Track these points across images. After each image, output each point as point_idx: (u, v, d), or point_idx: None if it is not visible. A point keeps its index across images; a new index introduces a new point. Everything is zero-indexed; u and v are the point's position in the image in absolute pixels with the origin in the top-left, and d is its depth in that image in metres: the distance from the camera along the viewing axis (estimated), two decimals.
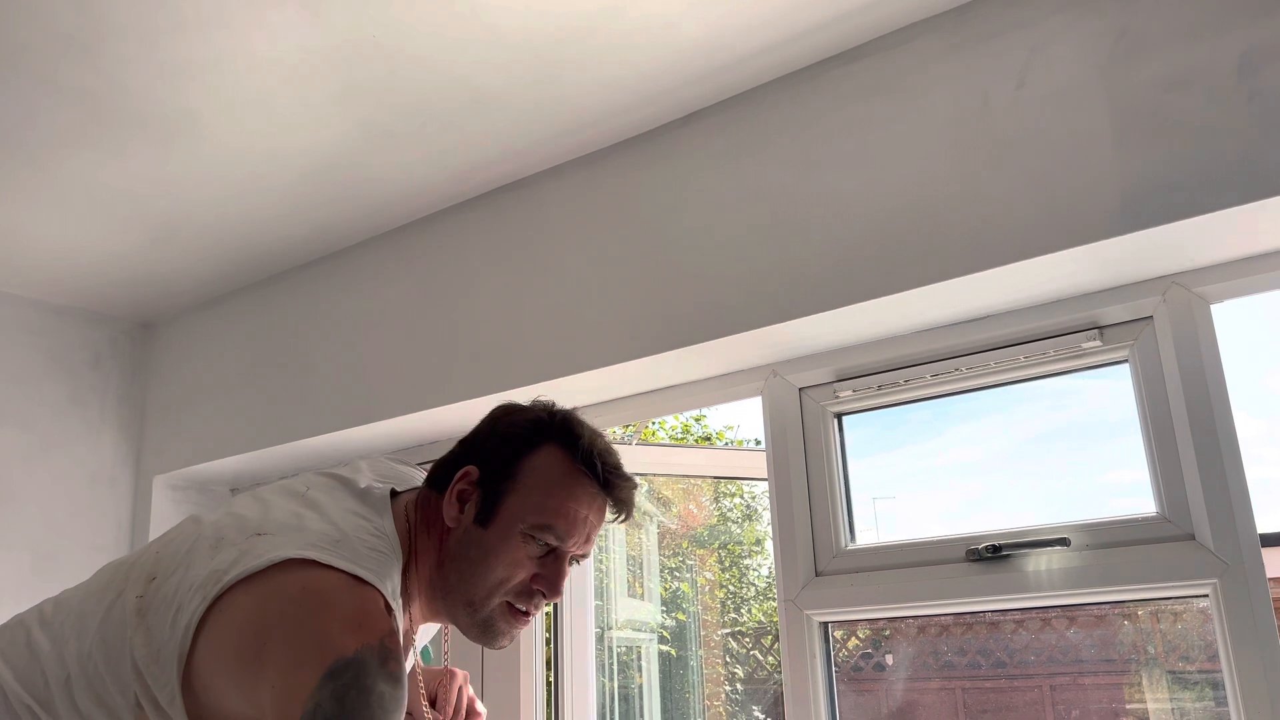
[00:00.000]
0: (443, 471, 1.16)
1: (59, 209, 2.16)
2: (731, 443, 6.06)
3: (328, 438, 2.34)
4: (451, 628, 1.24)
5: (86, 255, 2.39)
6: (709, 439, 6.16)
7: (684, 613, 3.75)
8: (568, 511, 1.11)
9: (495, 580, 1.10)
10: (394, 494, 1.18)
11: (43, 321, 2.65)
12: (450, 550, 1.12)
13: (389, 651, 0.95)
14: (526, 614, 1.13)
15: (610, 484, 1.14)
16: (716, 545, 4.38)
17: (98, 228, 2.25)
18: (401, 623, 1.06)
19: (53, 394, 2.63)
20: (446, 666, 1.35)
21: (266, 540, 1.01)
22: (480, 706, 1.33)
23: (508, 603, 1.12)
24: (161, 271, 2.51)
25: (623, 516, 1.17)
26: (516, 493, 1.11)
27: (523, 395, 2.05)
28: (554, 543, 1.11)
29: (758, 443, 5.64)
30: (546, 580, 1.11)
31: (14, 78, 1.69)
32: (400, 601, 1.07)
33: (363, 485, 1.15)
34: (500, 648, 1.15)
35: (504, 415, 1.18)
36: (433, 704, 1.30)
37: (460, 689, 1.31)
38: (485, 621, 1.12)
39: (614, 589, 2.67)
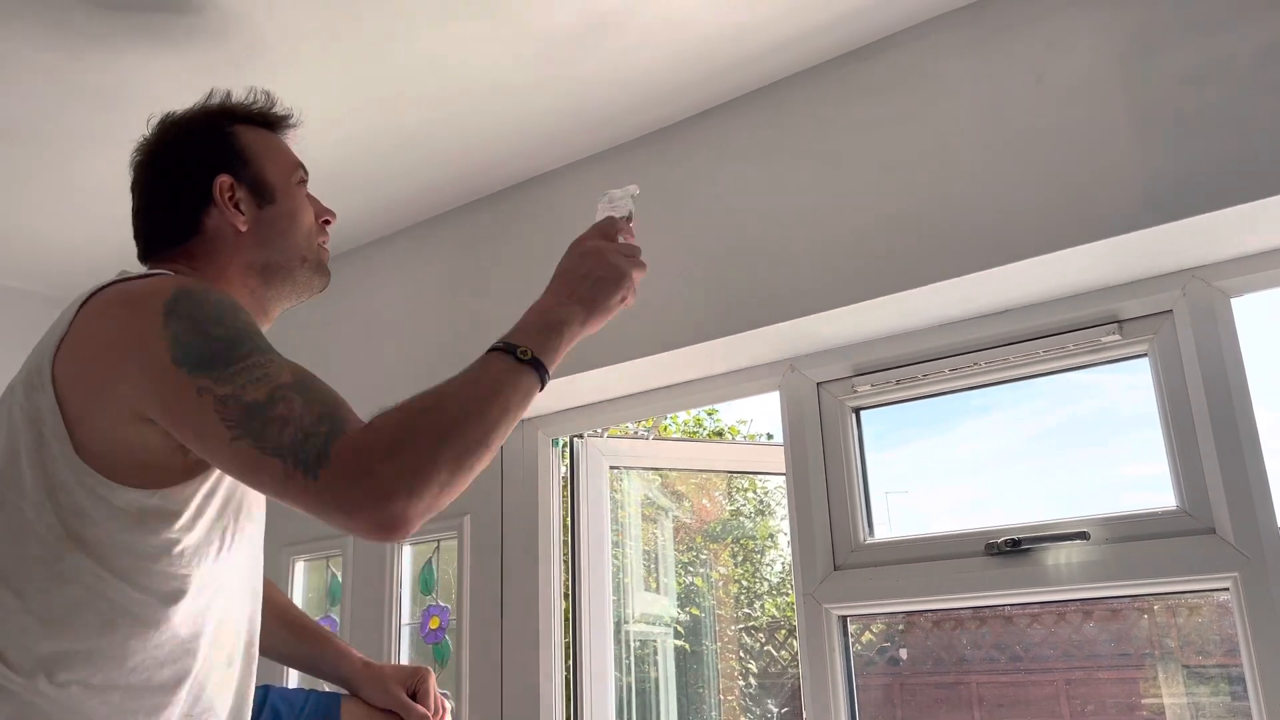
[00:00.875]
0: (167, 223, 1.23)
1: (79, 208, 2.17)
2: (745, 437, 6.05)
3: None
4: None
5: (107, 253, 2.40)
6: (721, 434, 6.16)
7: (698, 607, 3.76)
8: (290, 152, 1.31)
9: (308, 226, 1.27)
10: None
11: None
12: (259, 243, 1.22)
13: (210, 285, 1.06)
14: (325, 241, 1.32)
15: (281, 124, 1.33)
16: (730, 540, 4.38)
17: (118, 227, 2.26)
18: None
19: None
20: (416, 665, 1.45)
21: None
22: (449, 702, 1.46)
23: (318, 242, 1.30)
24: None
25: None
26: (263, 165, 1.25)
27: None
28: (306, 176, 1.31)
29: (770, 437, 5.65)
30: (322, 207, 1.31)
31: (35, 79, 1.70)
32: None
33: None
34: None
35: (175, 138, 1.26)
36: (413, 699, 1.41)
37: (432, 685, 1.43)
38: (317, 263, 1.28)
39: (630, 583, 2.67)
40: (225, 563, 1.11)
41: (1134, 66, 1.45)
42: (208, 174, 1.20)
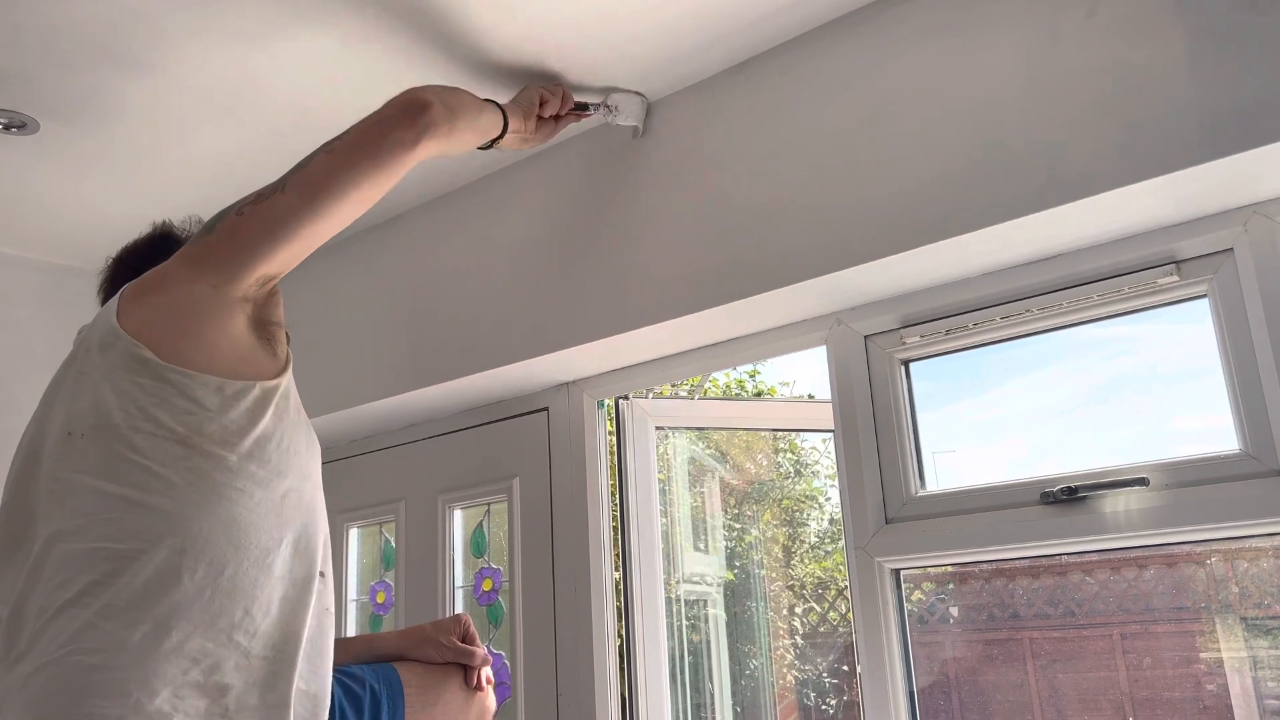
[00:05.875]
0: None
1: (124, 184, 2.20)
2: (790, 397, 6.03)
3: (378, 404, 2.37)
4: None
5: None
6: (760, 394, 6.13)
7: (745, 567, 3.77)
8: None
9: None
10: None
11: None
12: None
13: None
14: None
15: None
16: (774, 501, 4.38)
17: (164, 201, 2.28)
18: None
19: None
20: (450, 615, 1.57)
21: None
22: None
23: None
24: None
25: None
26: None
27: (583, 354, 2.06)
28: None
29: (811, 397, 5.61)
30: None
31: (79, 54, 1.71)
32: None
33: None
34: None
35: (126, 254, 1.55)
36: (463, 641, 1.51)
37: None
38: None
39: (678, 543, 2.68)
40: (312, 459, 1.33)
41: None
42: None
